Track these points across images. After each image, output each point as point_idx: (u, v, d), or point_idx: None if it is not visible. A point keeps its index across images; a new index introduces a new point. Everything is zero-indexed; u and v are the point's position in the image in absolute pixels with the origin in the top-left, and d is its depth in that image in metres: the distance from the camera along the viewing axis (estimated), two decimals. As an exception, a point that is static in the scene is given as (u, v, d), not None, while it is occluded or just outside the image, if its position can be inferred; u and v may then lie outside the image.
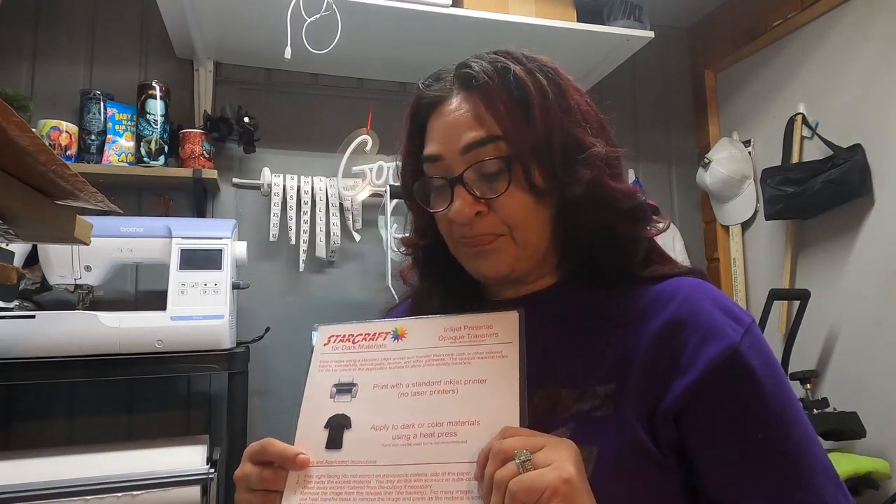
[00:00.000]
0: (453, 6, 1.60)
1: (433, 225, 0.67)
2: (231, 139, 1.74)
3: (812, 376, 1.72)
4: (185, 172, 1.63)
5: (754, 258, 2.06)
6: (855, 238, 1.70)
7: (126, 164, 1.63)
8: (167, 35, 1.68)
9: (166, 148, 1.65)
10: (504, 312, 0.57)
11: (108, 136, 1.63)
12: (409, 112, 0.67)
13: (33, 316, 1.28)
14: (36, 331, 1.26)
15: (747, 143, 2.07)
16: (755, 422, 0.54)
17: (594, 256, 0.63)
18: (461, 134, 0.60)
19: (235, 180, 1.76)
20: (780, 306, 1.90)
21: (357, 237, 1.85)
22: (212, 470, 1.29)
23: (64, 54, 1.72)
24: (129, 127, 1.64)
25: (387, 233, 1.81)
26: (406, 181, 0.69)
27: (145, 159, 1.62)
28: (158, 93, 1.63)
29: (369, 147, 1.85)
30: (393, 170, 1.85)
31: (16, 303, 1.40)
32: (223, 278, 1.41)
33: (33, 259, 1.41)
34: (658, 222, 0.66)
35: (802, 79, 1.88)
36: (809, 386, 1.70)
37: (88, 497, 1.19)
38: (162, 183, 1.69)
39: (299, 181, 1.79)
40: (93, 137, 1.63)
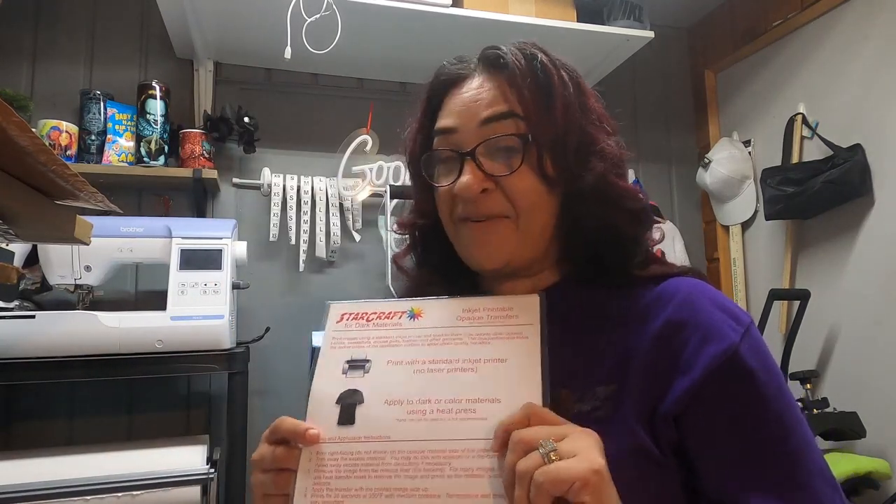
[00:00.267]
0: (453, 6, 1.60)
1: (433, 206, 0.66)
2: (231, 139, 1.74)
3: (812, 376, 1.72)
4: (185, 172, 1.63)
5: (754, 258, 2.06)
6: (855, 238, 1.70)
7: (126, 164, 1.63)
8: (167, 35, 1.68)
9: (166, 148, 1.65)
10: (524, 296, 0.56)
11: (108, 136, 1.63)
12: (428, 87, 0.66)
13: (33, 316, 1.28)
14: (36, 331, 1.26)
15: (747, 143, 2.07)
16: (756, 422, 0.54)
17: (596, 254, 0.62)
18: (480, 108, 0.60)
19: (235, 180, 1.76)
20: (780, 306, 1.90)
21: (357, 237, 1.85)
22: (212, 470, 1.29)
23: (64, 54, 1.72)
24: (129, 127, 1.64)
25: (387, 233, 1.81)
26: (413, 155, 0.67)
27: (145, 159, 1.62)
28: (158, 93, 1.63)
29: (369, 147, 1.85)
30: (393, 170, 1.85)
31: (16, 303, 1.40)
32: (223, 278, 1.41)
33: (33, 259, 1.41)
34: (658, 222, 0.66)
35: (802, 79, 1.88)
36: (809, 386, 1.70)
37: (88, 497, 1.19)
38: (162, 183, 1.69)
39: (299, 181, 1.79)
40: (93, 137, 1.63)
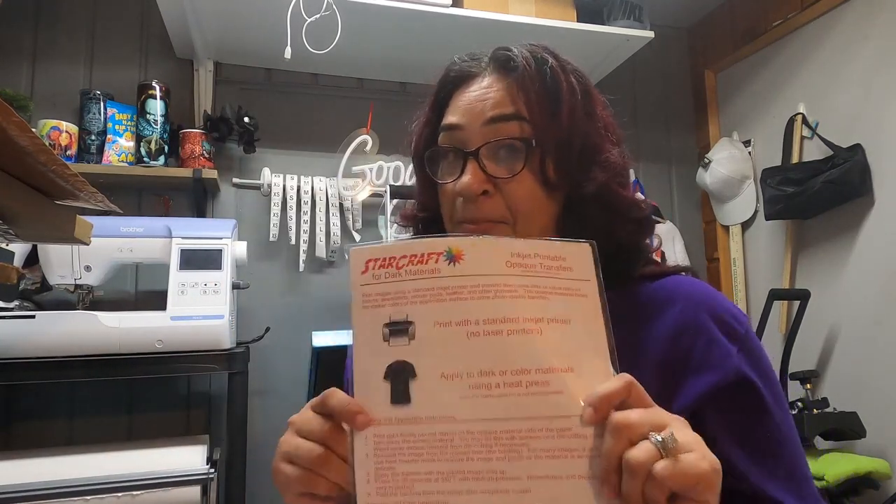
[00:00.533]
0: (453, 6, 1.60)
1: (434, 201, 0.66)
2: (231, 139, 1.74)
3: (812, 376, 1.72)
4: (185, 172, 1.63)
5: (754, 258, 2.06)
6: (855, 238, 1.70)
7: (126, 164, 1.63)
8: (167, 35, 1.68)
9: (166, 148, 1.65)
10: (576, 243, 0.49)
11: (108, 136, 1.63)
12: (437, 83, 0.67)
13: (33, 316, 1.28)
14: (36, 331, 1.26)
15: (747, 143, 2.07)
16: (762, 428, 0.57)
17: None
18: (487, 108, 0.60)
19: (235, 180, 1.76)
20: (780, 306, 1.90)
21: (357, 237, 1.85)
22: (212, 470, 1.28)
23: (64, 54, 1.72)
24: (129, 127, 1.64)
25: (387, 233, 1.81)
26: (418, 150, 0.68)
27: (145, 159, 1.62)
28: (158, 93, 1.63)
29: (369, 147, 1.85)
30: (393, 170, 1.85)
31: (16, 303, 1.40)
32: (223, 278, 1.41)
33: (33, 259, 1.41)
34: (659, 221, 0.67)
35: (802, 79, 1.88)
36: (809, 386, 1.70)
37: (88, 497, 1.19)
38: (162, 183, 1.69)
39: (299, 181, 1.79)
40: (93, 137, 1.63)
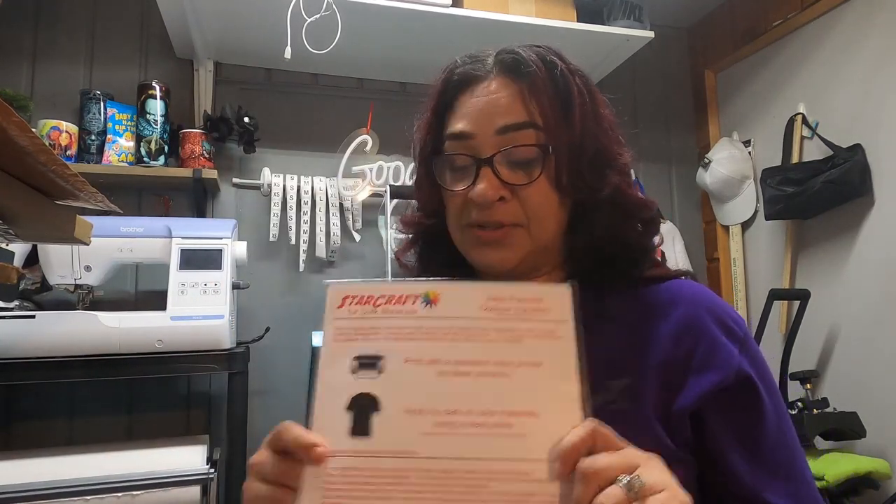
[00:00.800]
0: (453, 6, 1.60)
1: (441, 206, 0.65)
2: (231, 139, 1.74)
3: (812, 376, 1.72)
4: (185, 172, 1.63)
5: (754, 258, 2.06)
6: (855, 238, 1.70)
7: (126, 164, 1.63)
8: (167, 35, 1.68)
9: (166, 148, 1.65)
10: (555, 285, 0.49)
11: (108, 136, 1.63)
12: (439, 86, 0.65)
13: (33, 316, 1.28)
14: (36, 331, 1.26)
15: (747, 143, 2.07)
16: (761, 429, 0.57)
17: (604, 261, 0.62)
18: (498, 115, 0.59)
19: (235, 180, 1.76)
20: (780, 306, 1.90)
21: (357, 237, 1.85)
22: (212, 470, 1.28)
23: (64, 54, 1.72)
24: (129, 127, 1.64)
25: (387, 233, 1.81)
26: (423, 156, 0.66)
27: (145, 159, 1.62)
28: (158, 93, 1.63)
29: (369, 147, 1.85)
30: (393, 170, 1.85)
31: (16, 303, 1.40)
32: (223, 278, 1.41)
33: (33, 259, 1.41)
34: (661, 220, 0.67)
35: (802, 79, 1.88)
36: (809, 386, 1.70)
37: (88, 497, 1.19)
38: (162, 183, 1.69)
39: (299, 181, 1.79)
40: (93, 137, 1.63)
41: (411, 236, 0.71)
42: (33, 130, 0.51)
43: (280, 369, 1.75)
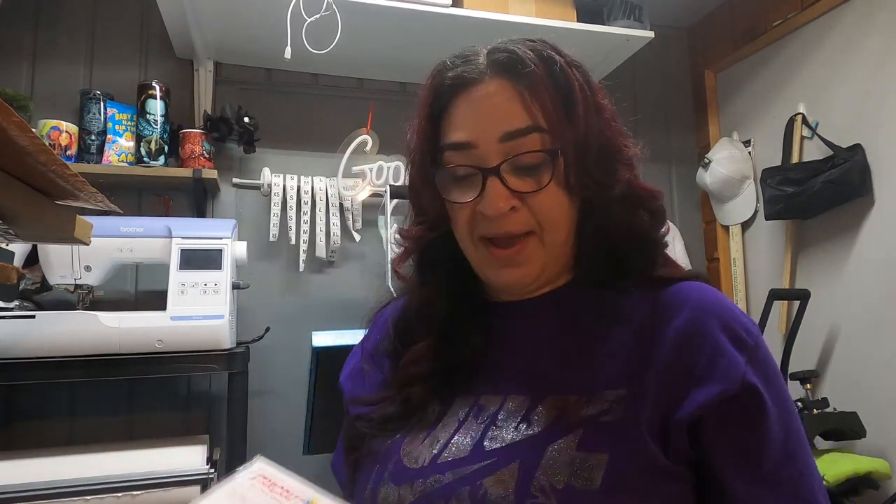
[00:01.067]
0: (453, 6, 1.60)
1: (444, 218, 0.62)
2: (231, 139, 1.74)
3: (812, 376, 1.72)
4: (185, 172, 1.63)
5: (754, 258, 2.06)
6: (855, 238, 1.70)
7: (126, 164, 1.63)
8: (167, 35, 1.68)
9: (166, 148, 1.65)
10: None
11: (108, 136, 1.63)
12: (429, 91, 0.61)
13: (33, 316, 1.28)
14: (36, 331, 1.26)
15: (747, 143, 2.07)
16: (763, 446, 0.52)
17: (617, 257, 0.60)
18: (500, 121, 0.56)
19: (235, 180, 1.76)
20: (780, 306, 1.90)
21: (357, 237, 1.85)
22: (212, 470, 1.29)
23: (64, 54, 1.72)
24: (129, 127, 1.64)
25: (387, 233, 1.81)
26: (420, 167, 0.62)
27: (145, 159, 1.62)
28: (158, 93, 1.63)
29: (369, 147, 1.85)
30: (393, 170, 1.85)
31: (16, 303, 1.40)
32: (223, 278, 1.40)
33: (33, 259, 1.41)
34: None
35: (802, 79, 1.88)
36: (809, 386, 1.70)
37: (88, 497, 1.19)
38: (162, 183, 1.69)
39: (299, 181, 1.79)
40: (93, 137, 1.63)
41: (408, 246, 0.67)
42: (33, 130, 0.51)
43: (280, 369, 1.75)
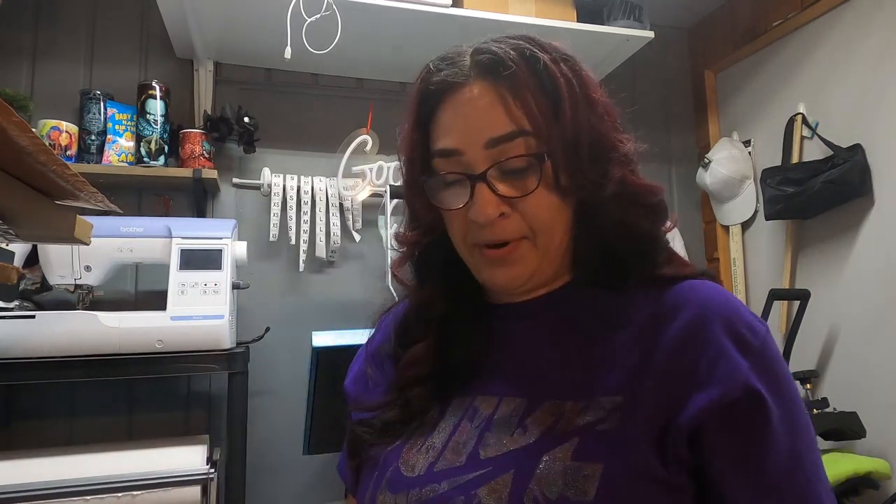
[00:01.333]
0: (453, 6, 1.60)
1: (439, 223, 0.62)
2: (231, 139, 1.74)
3: (812, 376, 1.72)
4: (185, 172, 1.63)
5: (754, 258, 2.06)
6: (855, 238, 1.70)
7: (126, 164, 1.63)
8: (167, 35, 1.68)
9: (166, 148, 1.65)
10: None
11: (108, 136, 1.63)
12: (416, 97, 0.61)
13: (33, 316, 1.28)
14: (36, 331, 1.26)
15: (747, 143, 2.07)
16: (765, 454, 0.50)
17: (615, 257, 0.59)
18: (484, 126, 0.55)
19: (235, 180, 1.76)
20: (780, 306, 1.90)
21: (357, 237, 1.85)
22: (212, 470, 1.28)
23: (64, 54, 1.72)
24: (129, 127, 1.64)
25: (387, 233, 1.81)
26: (411, 174, 0.62)
27: (145, 159, 1.62)
28: (158, 93, 1.63)
29: (369, 147, 1.85)
30: (393, 170, 1.85)
31: (16, 303, 1.40)
32: (223, 278, 1.40)
33: (33, 259, 1.41)
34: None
35: (802, 79, 1.88)
36: (809, 386, 1.70)
37: (88, 497, 1.19)
38: (162, 183, 1.69)
39: (299, 181, 1.79)
40: (93, 137, 1.63)
41: (406, 251, 0.67)
42: (33, 130, 0.50)
43: (280, 369, 1.75)
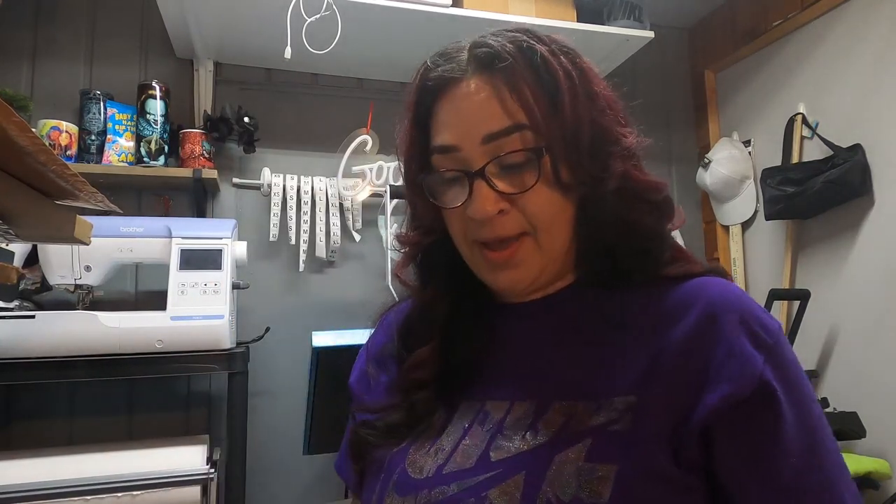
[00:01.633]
0: (453, 6, 1.60)
1: (440, 222, 0.61)
2: (231, 139, 1.74)
3: (812, 376, 1.72)
4: (185, 172, 1.63)
5: (754, 258, 2.06)
6: (855, 238, 1.70)
7: (126, 164, 1.62)
8: (167, 35, 1.68)
9: (166, 148, 1.65)
10: None
11: (108, 136, 1.63)
12: (414, 94, 0.59)
13: (33, 316, 1.28)
14: (36, 331, 1.26)
15: (747, 143, 2.07)
16: (782, 452, 0.48)
17: (618, 255, 0.57)
18: (481, 122, 0.54)
19: (235, 180, 1.76)
20: (780, 306, 1.90)
21: (357, 237, 1.85)
22: (212, 470, 1.29)
23: (64, 54, 1.72)
24: (129, 127, 1.64)
25: (387, 233, 1.81)
26: (410, 172, 0.61)
27: (145, 159, 1.62)
28: (158, 93, 1.63)
29: (369, 147, 1.85)
30: (393, 170, 1.85)
31: (16, 303, 1.40)
32: (223, 278, 1.40)
33: (33, 259, 1.41)
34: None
35: (802, 79, 1.88)
36: (809, 386, 1.70)
37: (88, 497, 1.19)
38: (162, 183, 1.69)
39: (299, 181, 1.79)
40: (93, 137, 1.63)
41: (409, 251, 0.66)
42: (33, 130, 0.51)
43: (280, 369, 1.75)
